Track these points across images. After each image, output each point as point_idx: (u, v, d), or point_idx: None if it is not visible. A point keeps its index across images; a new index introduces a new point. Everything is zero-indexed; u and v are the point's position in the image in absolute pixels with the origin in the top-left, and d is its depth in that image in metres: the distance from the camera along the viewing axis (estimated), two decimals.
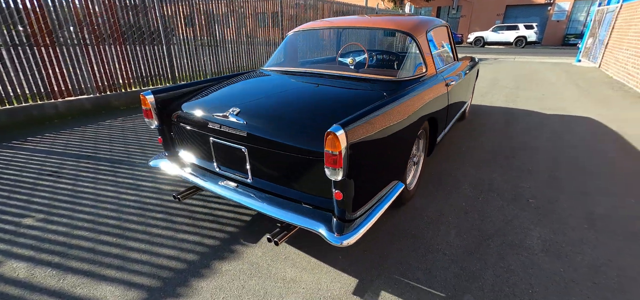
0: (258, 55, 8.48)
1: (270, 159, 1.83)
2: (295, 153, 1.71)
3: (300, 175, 1.77)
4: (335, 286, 1.77)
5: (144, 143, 3.94)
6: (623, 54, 9.14)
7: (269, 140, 1.77)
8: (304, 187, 1.80)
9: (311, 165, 1.69)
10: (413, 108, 2.12)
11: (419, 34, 2.61)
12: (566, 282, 1.78)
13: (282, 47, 3.20)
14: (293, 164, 1.76)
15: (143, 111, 2.32)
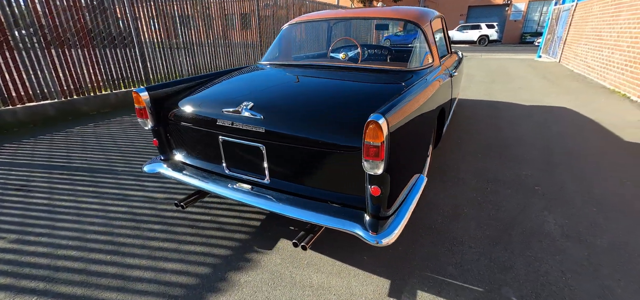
0: (236, 56, 8.17)
1: (292, 157, 1.67)
2: (323, 148, 1.56)
3: (326, 172, 1.63)
4: (368, 289, 1.65)
5: (125, 149, 3.59)
6: (582, 49, 9.81)
7: (292, 137, 1.61)
8: (330, 185, 1.66)
9: (341, 160, 1.56)
10: (432, 97, 2.05)
11: (424, 23, 2.56)
12: (594, 266, 1.78)
13: (280, 40, 3.04)
14: (319, 160, 1.61)
15: (136, 110, 2.07)
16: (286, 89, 2.00)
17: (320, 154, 1.59)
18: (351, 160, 1.52)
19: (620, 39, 7.17)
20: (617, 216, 2.24)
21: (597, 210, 2.32)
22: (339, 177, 1.61)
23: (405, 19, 2.59)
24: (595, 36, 8.87)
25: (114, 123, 4.66)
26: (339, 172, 1.60)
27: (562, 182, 2.74)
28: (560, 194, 2.55)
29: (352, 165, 1.53)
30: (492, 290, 1.63)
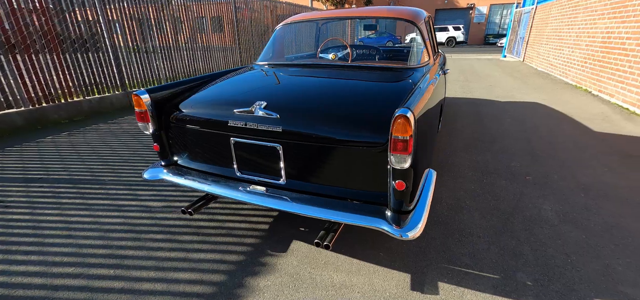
0: (215, 60, 7.97)
1: (310, 156, 1.65)
2: (344, 145, 1.56)
3: (345, 169, 1.62)
4: (390, 285, 1.66)
5: (109, 158, 3.38)
6: (544, 48, 10.50)
7: (311, 135, 1.59)
8: (349, 182, 1.65)
9: (362, 156, 1.56)
10: (435, 92, 2.11)
11: (419, 22, 2.63)
12: (593, 248, 1.90)
13: (274, 40, 2.99)
14: (338, 158, 1.60)
15: (136, 114, 1.95)
16: (297, 87, 1.97)
17: (340, 151, 1.58)
18: (372, 156, 1.53)
19: (579, 38, 7.75)
20: (603, 200, 2.41)
21: (584, 195, 2.49)
22: (359, 173, 1.61)
23: (402, 18, 2.64)
24: (556, 36, 9.53)
25: (91, 131, 4.38)
26: (359, 168, 1.59)
27: (548, 171, 2.91)
28: (549, 183, 2.70)
29: (373, 161, 1.53)
30: (507, 276, 1.69)
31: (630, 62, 5.43)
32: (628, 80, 5.41)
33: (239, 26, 8.57)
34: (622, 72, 5.61)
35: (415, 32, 2.59)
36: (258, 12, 9.36)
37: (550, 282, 1.64)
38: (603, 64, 6.33)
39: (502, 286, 1.63)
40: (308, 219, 2.22)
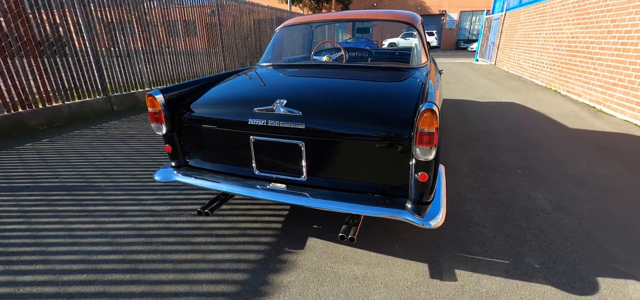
0: (199, 64, 7.82)
1: (332, 152, 1.69)
2: (367, 141, 1.61)
3: (367, 164, 1.67)
4: (410, 274, 1.73)
5: (101, 164, 3.25)
6: (514, 52, 11.13)
7: (335, 132, 1.64)
8: (369, 176, 1.70)
9: (383, 151, 1.62)
10: (441, 90, 2.23)
11: (417, 24, 2.75)
12: (587, 232, 2.07)
13: (275, 42, 3.01)
14: (360, 153, 1.66)
15: (150, 115, 1.91)
16: (313, 86, 2.02)
17: (361, 146, 1.64)
18: (394, 150, 1.59)
19: (547, 43, 8.30)
20: (588, 189, 2.62)
21: (572, 185, 2.69)
22: (379, 167, 1.67)
23: (402, 20, 2.76)
24: (525, 41, 10.14)
25: (75, 137, 4.17)
26: (380, 162, 1.65)
27: (536, 165, 3.12)
28: (538, 175, 2.90)
29: (394, 155, 1.60)
30: (517, 261, 1.81)
31: (594, 64, 5.89)
32: (593, 81, 5.87)
33: (222, 30, 8.46)
34: (588, 74, 6.07)
35: (400, 36, 2.72)
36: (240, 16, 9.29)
37: (555, 264, 1.78)
38: (570, 67, 6.82)
39: (513, 270, 1.74)
40: (321, 215, 2.26)
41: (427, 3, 30.00)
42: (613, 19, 5.52)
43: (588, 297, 1.56)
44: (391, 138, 1.58)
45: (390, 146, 1.60)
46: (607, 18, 5.69)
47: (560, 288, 1.61)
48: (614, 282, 1.65)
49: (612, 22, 5.54)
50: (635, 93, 4.74)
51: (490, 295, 1.58)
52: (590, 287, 1.62)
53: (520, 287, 1.63)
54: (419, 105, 1.59)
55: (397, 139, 1.56)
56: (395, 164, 1.62)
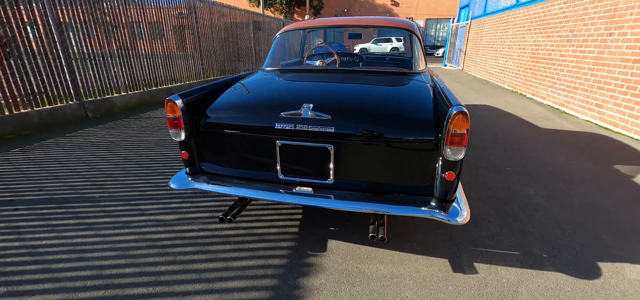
0: (177, 68, 7.54)
1: (360, 155, 1.73)
2: (395, 143, 1.68)
3: (393, 165, 1.73)
4: (434, 270, 1.81)
5: (88, 174, 3.05)
6: (480, 58, 11.85)
7: (364, 135, 1.68)
8: (396, 177, 1.76)
9: (411, 152, 1.69)
10: None
11: (416, 31, 2.88)
12: (579, 222, 2.28)
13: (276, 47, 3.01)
14: (388, 155, 1.71)
15: (169, 121, 1.84)
16: (336, 90, 2.05)
17: (389, 148, 1.70)
18: (420, 150, 1.67)
19: (511, 50, 8.93)
20: (572, 184, 2.88)
21: (556, 181, 2.94)
22: (405, 168, 1.73)
23: (401, 28, 2.87)
24: (490, 48, 10.84)
25: (49, 146, 3.87)
26: (406, 163, 1.72)
27: (521, 163, 3.36)
28: (526, 172, 3.13)
29: (420, 156, 1.68)
30: (526, 252, 1.96)
31: (557, 70, 6.44)
32: (556, 84, 6.41)
33: (199, 32, 8.23)
34: (551, 78, 6.63)
35: (371, 42, 2.83)
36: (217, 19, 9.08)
37: (560, 253, 1.94)
38: (534, 72, 7.40)
39: (525, 260, 1.88)
40: (336, 218, 2.28)
41: (396, 10, 31.09)
42: (571, 28, 6.08)
43: (595, 280, 1.72)
44: (419, 140, 1.65)
45: (416, 147, 1.67)
46: (566, 28, 6.25)
47: (570, 274, 1.77)
48: (612, 266, 1.84)
49: (570, 31, 6.10)
50: (594, 96, 5.25)
51: (510, 285, 1.69)
52: (594, 271, 1.79)
53: (535, 275, 1.76)
54: (436, 107, 1.69)
55: (424, 140, 1.64)
56: (421, 164, 1.70)
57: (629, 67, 4.56)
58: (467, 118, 1.49)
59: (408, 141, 1.67)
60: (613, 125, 4.78)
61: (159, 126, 4.84)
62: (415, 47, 2.82)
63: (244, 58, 10.78)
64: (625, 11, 4.76)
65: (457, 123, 1.50)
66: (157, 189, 2.74)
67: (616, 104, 4.76)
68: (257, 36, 11.64)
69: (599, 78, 5.16)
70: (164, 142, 4.04)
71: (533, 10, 7.72)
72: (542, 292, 1.64)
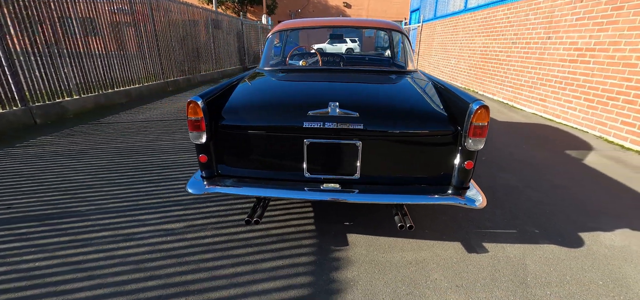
0: (134, 68, 7.00)
1: (385, 150, 1.82)
2: (419, 137, 1.80)
3: (416, 157, 1.85)
4: (451, 253, 1.97)
5: (60, 185, 2.75)
6: (433, 59, 12.72)
7: (390, 131, 1.77)
8: (417, 169, 1.88)
9: (432, 145, 1.83)
10: None
11: (405, 33, 3.07)
12: (554, 202, 2.62)
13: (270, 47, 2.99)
14: (410, 148, 1.83)
15: (190, 123, 1.75)
16: (354, 88, 2.12)
17: (413, 142, 1.82)
18: (441, 143, 1.81)
19: (462, 51, 9.74)
20: (538, 170, 3.28)
21: (525, 167, 3.32)
22: (426, 160, 1.86)
23: (391, 29, 3.03)
24: (442, 49, 11.69)
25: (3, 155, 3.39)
26: (427, 155, 1.85)
27: (492, 152, 3.74)
28: (499, 161, 3.49)
29: (440, 147, 1.82)
30: (521, 230, 2.21)
31: (504, 69, 7.19)
32: (504, 82, 7.15)
33: (157, 30, 7.73)
34: (499, 76, 7.38)
35: (326, 42, 2.99)
36: (174, 15, 8.59)
37: (548, 229, 2.23)
38: (484, 71, 8.17)
39: (523, 236, 2.13)
40: (349, 212, 2.35)
41: (348, 12, 31.97)
42: (515, 32, 6.83)
43: (581, 248, 2.01)
44: (440, 132, 1.79)
45: (437, 140, 1.81)
46: (511, 32, 7.01)
47: (561, 245, 2.04)
48: (590, 235, 2.16)
49: (515, 34, 6.85)
50: (538, 92, 5.97)
51: (518, 259, 1.91)
52: (578, 241, 2.09)
53: (535, 248, 2.00)
54: (444, 102, 1.87)
55: (445, 133, 1.78)
56: (440, 155, 1.84)
57: (565, 66, 5.28)
58: (488, 112, 1.66)
59: (429, 134, 1.80)
60: (555, 117, 5.49)
61: (126, 131, 4.47)
62: (407, 47, 2.99)
63: (204, 58, 10.34)
64: (560, 18, 5.49)
65: (479, 116, 1.66)
66: (151, 198, 2.56)
67: (557, 98, 5.47)
68: (216, 35, 11.23)
69: (541, 76, 5.88)
70: (140, 147, 3.76)
71: (480, 15, 8.51)
72: (545, 262, 1.88)
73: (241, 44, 13.53)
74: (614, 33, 4.41)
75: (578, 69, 5.02)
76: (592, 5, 4.81)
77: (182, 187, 2.74)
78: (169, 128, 4.65)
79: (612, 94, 4.37)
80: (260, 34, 15.67)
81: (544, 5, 5.90)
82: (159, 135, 4.29)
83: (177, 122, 4.99)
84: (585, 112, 4.84)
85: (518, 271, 1.81)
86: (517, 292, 1.65)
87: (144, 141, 4.01)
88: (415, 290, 1.66)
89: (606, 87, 4.47)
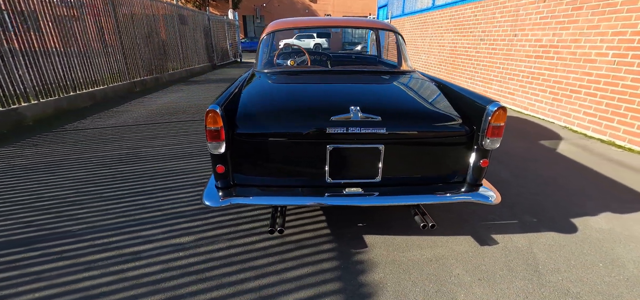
0: (97, 68, 6.47)
1: (406, 151, 1.86)
2: (439, 138, 1.85)
3: (434, 157, 1.91)
4: (466, 247, 2.06)
5: (35, 203, 2.49)
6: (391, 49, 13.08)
7: (412, 133, 1.81)
8: (434, 168, 1.94)
9: (449, 145, 1.89)
10: None
11: (400, 32, 3.12)
12: (541, 191, 2.82)
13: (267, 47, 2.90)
14: (428, 149, 1.88)
15: (209, 133, 1.65)
16: (370, 90, 2.12)
17: (432, 143, 1.87)
18: (457, 143, 1.88)
19: (432, 47, 10.12)
20: (522, 161, 3.51)
21: (510, 158, 3.54)
22: (443, 159, 1.93)
23: (385, 28, 3.08)
24: (412, 45, 12.06)
25: None
26: (444, 155, 1.92)
27: None
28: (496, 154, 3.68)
29: (457, 147, 1.89)
30: (521, 220, 2.36)
31: (474, 64, 7.58)
32: (475, 77, 7.55)
33: (120, 25, 7.20)
34: (470, 71, 7.77)
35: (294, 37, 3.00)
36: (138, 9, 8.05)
37: (543, 217, 2.40)
38: (454, 66, 8.56)
39: (524, 225, 2.28)
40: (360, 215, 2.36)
41: (314, 7, 31.90)
42: (483, 29, 7.22)
43: (577, 233, 2.19)
44: (458, 133, 1.85)
45: (454, 140, 1.87)
46: (478, 29, 7.40)
47: (558, 231, 2.21)
48: (580, 220, 2.35)
49: (482, 32, 7.24)
50: (506, 86, 6.37)
51: (526, 248, 2.04)
52: (572, 227, 2.28)
53: (538, 237, 2.15)
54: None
55: (461, 133, 1.85)
56: (457, 154, 1.91)
57: (531, 62, 5.68)
58: (505, 112, 1.74)
59: (447, 135, 1.86)
60: (523, 109, 5.90)
61: (99, 138, 4.14)
62: (403, 47, 3.05)
63: (172, 56, 9.82)
64: (525, 17, 5.88)
65: (497, 117, 1.74)
66: (148, 211, 2.41)
67: (524, 92, 5.88)
68: (183, 31, 10.70)
69: (509, 71, 6.28)
70: (120, 156, 3.51)
71: (448, 13, 8.88)
72: (549, 249, 2.03)
73: (209, 41, 13.02)
74: (574, 31, 4.82)
75: (543, 64, 5.42)
76: (554, 5, 5.21)
77: (181, 198, 2.59)
78: (148, 133, 4.37)
79: (574, 87, 4.78)
80: (227, 30, 15.15)
81: (510, 4, 6.29)
82: (139, 141, 4.02)
83: (155, 126, 4.70)
84: (551, 104, 5.26)
85: (529, 260, 1.93)
86: (533, 280, 1.77)
87: (123, 149, 3.74)
88: (443, 287, 1.72)
89: (569, 81, 4.88)
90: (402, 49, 3.08)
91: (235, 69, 13.31)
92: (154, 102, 6.46)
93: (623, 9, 4.08)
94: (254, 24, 31.54)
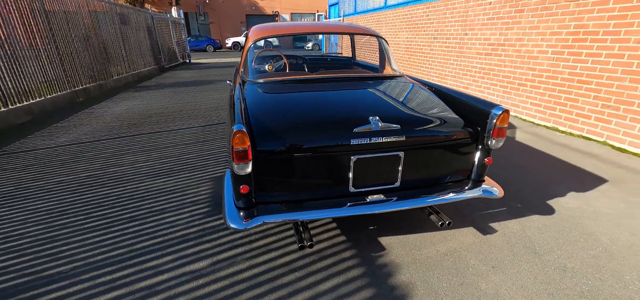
0: (29, 73, 5.65)
1: (422, 155, 1.95)
2: (450, 141, 1.98)
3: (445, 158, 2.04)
4: (472, 239, 2.24)
5: (9, 244, 2.15)
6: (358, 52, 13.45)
7: (427, 138, 1.91)
8: (443, 169, 2.08)
9: (458, 147, 2.03)
10: None
11: (382, 37, 3.24)
12: (518, 178, 3.16)
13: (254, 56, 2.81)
14: (441, 152, 2.00)
15: (236, 154, 1.56)
16: (385, 99, 2.17)
17: (444, 146, 1.99)
18: (465, 144, 2.03)
19: None
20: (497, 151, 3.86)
21: None
22: (453, 160, 2.07)
23: (369, 34, 3.17)
24: (367, 44, 12.46)
25: None
26: (455, 156, 2.06)
27: None
28: None
29: (464, 148, 2.05)
30: (509, 207, 2.62)
31: (429, 62, 8.11)
32: (431, 73, 8.08)
33: (52, 23, 6.36)
34: (425, 68, 8.29)
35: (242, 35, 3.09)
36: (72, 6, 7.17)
37: (526, 202, 2.69)
38: (410, 63, 9.06)
39: (513, 212, 2.54)
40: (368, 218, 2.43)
41: (261, 4, 31.29)
42: (436, 28, 7.75)
43: (555, 214, 2.50)
44: (466, 134, 2.00)
45: (463, 141, 2.02)
46: (432, 29, 7.92)
47: (540, 213, 2.51)
48: (553, 201, 2.69)
49: (436, 31, 7.77)
50: (461, 81, 6.94)
51: (520, 232, 2.28)
52: (549, 208, 2.59)
53: (526, 221, 2.42)
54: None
55: (469, 134, 2.01)
56: (465, 154, 2.06)
57: (482, 59, 6.25)
58: (508, 115, 1.93)
59: (457, 137, 2.00)
60: None
61: (52, 160, 3.66)
62: (388, 52, 3.17)
63: (115, 59, 8.94)
64: (474, 17, 6.44)
65: (502, 120, 1.92)
66: (145, 239, 2.21)
67: (477, 86, 6.46)
68: (125, 31, 9.80)
69: (462, 67, 6.84)
70: (87, 179, 3.14)
71: (402, 12, 9.36)
72: (538, 230, 2.30)
73: (154, 41, 12.09)
74: (518, 31, 5.41)
75: (492, 60, 6.00)
76: (499, 8, 5.79)
77: (177, 221, 2.42)
78: (114, 149, 3.97)
79: (521, 80, 5.38)
80: (172, 29, 14.19)
81: (459, 5, 6.83)
82: (106, 160, 3.63)
83: (120, 141, 4.27)
84: (501, 96, 5.85)
85: (527, 243, 2.17)
86: (536, 262, 1.99)
87: (90, 170, 3.35)
88: (465, 279, 1.86)
89: (516, 75, 5.48)
90: (387, 53, 3.19)
91: (186, 71, 12.55)
92: (107, 113, 5.85)
93: (558, 12, 4.69)
94: (198, 21, 29.96)
